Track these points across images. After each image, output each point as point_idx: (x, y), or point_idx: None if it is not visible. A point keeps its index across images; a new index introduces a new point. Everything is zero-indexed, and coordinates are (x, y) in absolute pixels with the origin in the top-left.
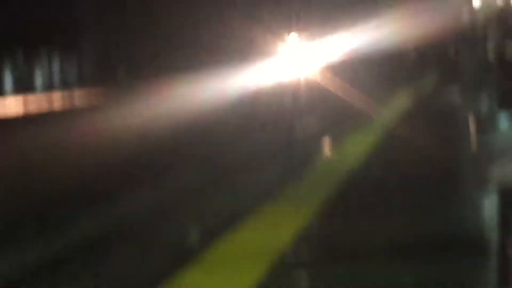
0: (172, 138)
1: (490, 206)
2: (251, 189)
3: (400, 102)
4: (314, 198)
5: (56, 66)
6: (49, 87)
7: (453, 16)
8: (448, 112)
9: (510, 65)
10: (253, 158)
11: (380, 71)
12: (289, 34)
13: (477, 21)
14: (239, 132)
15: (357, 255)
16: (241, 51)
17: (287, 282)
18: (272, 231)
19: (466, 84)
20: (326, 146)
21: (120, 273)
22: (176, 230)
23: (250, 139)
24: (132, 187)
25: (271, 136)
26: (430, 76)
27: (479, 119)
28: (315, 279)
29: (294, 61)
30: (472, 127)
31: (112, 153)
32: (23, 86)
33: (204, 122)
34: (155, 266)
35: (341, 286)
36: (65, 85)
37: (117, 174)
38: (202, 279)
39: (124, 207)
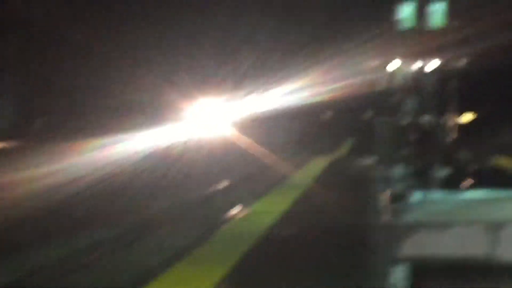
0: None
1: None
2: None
3: (317, 161)
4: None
5: None
6: None
7: (371, 81)
8: (361, 180)
9: (423, 139)
10: (166, 214)
11: (294, 130)
12: (204, 95)
13: (395, 87)
14: (152, 185)
15: None
16: (162, 111)
17: None
18: None
19: (381, 155)
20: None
21: None
22: None
23: (162, 194)
24: None
25: (182, 191)
26: (346, 141)
27: (393, 191)
28: None
29: (209, 120)
30: (384, 197)
31: None
32: None
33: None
34: None
35: None
36: None
37: None
38: None
39: None
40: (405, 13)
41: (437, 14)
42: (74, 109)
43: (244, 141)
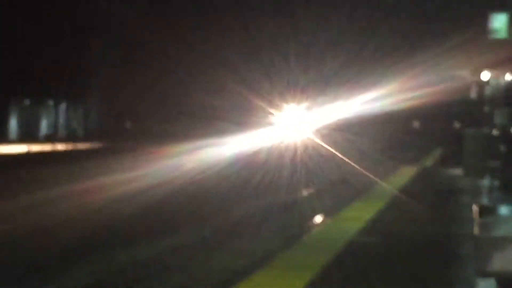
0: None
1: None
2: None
3: (404, 172)
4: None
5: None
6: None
7: (461, 90)
8: (450, 192)
9: None
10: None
11: (382, 133)
12: (289, 103)
13: (485, 98)
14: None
15: None
16: (246, 118)
17: None
18: None
19: (469, 167)
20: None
21: None
22: None
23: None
24: None
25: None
26: (431, 149)
27: (482, 203)
28: None
29: (293, 126)
30: (474, 210)
31: None
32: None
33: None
34: None
35: None
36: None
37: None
38: None
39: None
40: (498, 23)
41: None
42: (162, 114)
43: (327, 149)
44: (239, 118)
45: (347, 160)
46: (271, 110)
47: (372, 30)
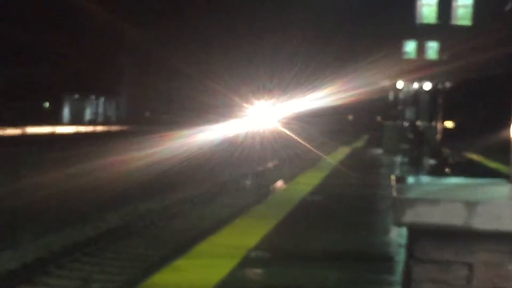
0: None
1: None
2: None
3: (342, 150)
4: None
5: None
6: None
7: (383, 94)
8: (373, 162)
9: (419, 137)
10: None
11: (325, 125)
12: (259, 100)
13: (399, 100)
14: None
15: None
16: (229, 111)
17: None
18: None
19: (388, 146)
20: (287, 172)
21: None
22: None
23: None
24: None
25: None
26: (361, 135)
27: (395, 174)
28: None
29: (262, 117)
30: (392, 178)
31: None
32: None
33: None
34: None
35: None
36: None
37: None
38: None
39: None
40: (409, 47)
41: (432, 50)
42: (170, 108)
43: (287, 133)
44: (224, 112)
45: (301, 141)
46: (247, 106)
47: (319, 47)
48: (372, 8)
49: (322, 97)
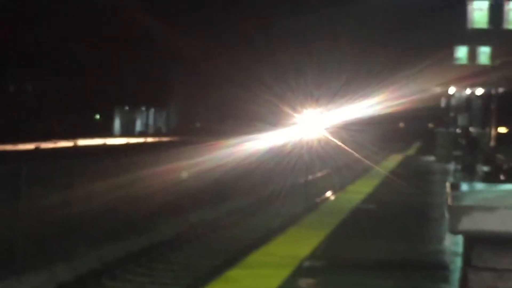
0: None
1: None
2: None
3: (392, 158)
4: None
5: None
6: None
7: (434, 101)
8: (426, 170)
9: (472, 144)
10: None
11: (374, 132)
12: (307, 109)
13: (451, 106)
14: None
15: None
16: (277, 120)
17: None
18: None
19: (440, 154)
20: (335, 182)
21: None
22: None
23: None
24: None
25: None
26: (413, 142)
27: (450, 181)
28: None
29: (309, 125)
30: (447, 186)
31: None
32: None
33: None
34: None
35: None
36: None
37: None
38: None
39: None
40: (461, 53)
41: (484, 55)
42: (220, 118)
43: (334, 141)
44: (272, 120)
45: (350, 150)
46: (295, 114)
47: (368, 55)
48: (423, 14)
49: (372, 105)
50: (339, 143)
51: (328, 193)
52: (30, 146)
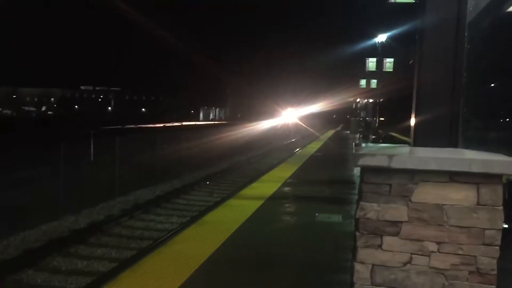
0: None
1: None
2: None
3: (330, 132)
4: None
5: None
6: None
7: (350, 104)
8: (345, 137)
9: (367, 125)
10: (277, 141)
11: (321, 120)
12: (287, 107)
13: (358, 107)
14: (271, 136)
15: None
16: (273, 113)
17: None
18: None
19: (352, 130)
20: (303, 142)
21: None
22: None
23: (275, 138)
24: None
25: (282, 137)
26: (339, 125)
27: (355, 142)
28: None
29: (289, 116)
30: (354, 143)
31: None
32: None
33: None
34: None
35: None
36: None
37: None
38: None
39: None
40: (362, 82)
41: (374, 83)
42: (248, 112)
43: (302, 124)
44: (270, 114)
45: (309, 128)
46: (282, 110)
47: (318, 81)
48: (346, 64)
49: (320, 106)
50: (304, 125)
51: (298, 148)
52: (159, 125)
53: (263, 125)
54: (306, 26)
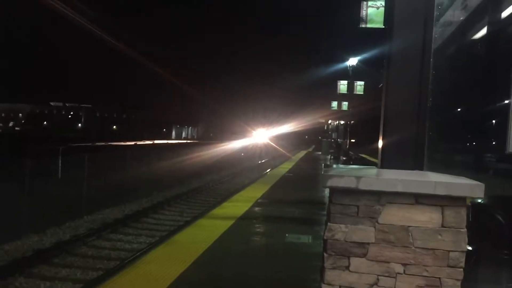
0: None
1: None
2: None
3: (301, 152)
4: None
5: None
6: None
7: (322, 126)
8: (316, 158)
9: (338, 146)
10: (248, 161)
11: (294, 140)
12: (258, 127)
13: (329, 128)
14: (243, 156)
15: None
16: (243, 134)
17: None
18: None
19: (323, 151)
20: (274, 163)
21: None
22: None
23: (247, 158)
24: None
25: (253, 157)
26: (311, 146)
27: (325, 163)
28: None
29: (260, 136)
30: (324, 164)
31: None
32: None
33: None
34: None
35: None
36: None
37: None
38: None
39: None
40: (333, 104)
41: (345, 105)
42: (220, 132)
43: (273, 144)
44: (241, 134)
45: (280, 149)
46: (252, 130)
47: (290, 103)
48: (318, 86)
49: (291, 126)
50: (274, 145)
51: (269, 169)
52: (131, 143)
53: (234, 145)
54: (278, 47)
